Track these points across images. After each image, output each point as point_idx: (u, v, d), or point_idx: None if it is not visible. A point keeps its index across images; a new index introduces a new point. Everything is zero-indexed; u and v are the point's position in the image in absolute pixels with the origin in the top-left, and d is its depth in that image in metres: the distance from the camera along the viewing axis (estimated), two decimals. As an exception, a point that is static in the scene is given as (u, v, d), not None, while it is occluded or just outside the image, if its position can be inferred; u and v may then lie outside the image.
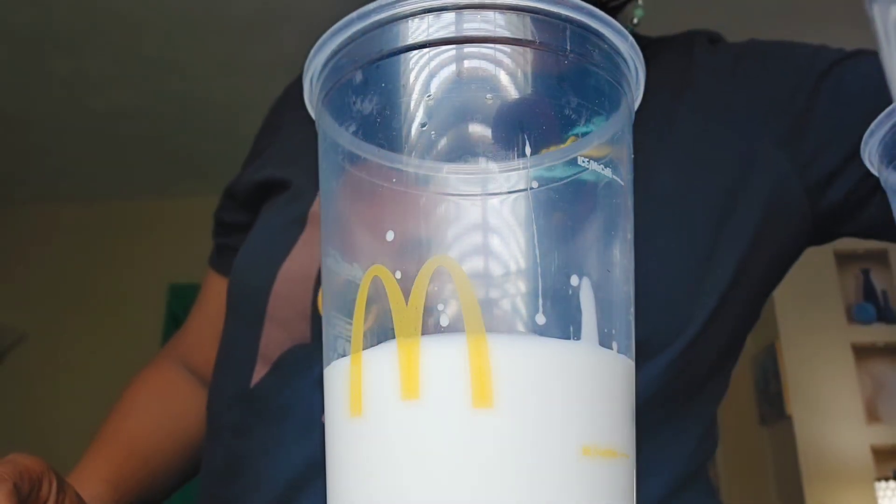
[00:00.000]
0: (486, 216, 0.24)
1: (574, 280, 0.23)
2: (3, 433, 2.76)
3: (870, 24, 0.29)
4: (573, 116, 0.25)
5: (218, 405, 0.52)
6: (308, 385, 0.45)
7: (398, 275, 0.22)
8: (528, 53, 0.24)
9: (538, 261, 0.23)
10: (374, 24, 0.24)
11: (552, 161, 0.24)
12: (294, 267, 0.48)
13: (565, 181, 0.24)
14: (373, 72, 0.25)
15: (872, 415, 2.95)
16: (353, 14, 0.25)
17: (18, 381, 2.86)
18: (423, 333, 0.22)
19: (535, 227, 0.23)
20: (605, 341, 0.24)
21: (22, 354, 2.89)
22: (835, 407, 2.92)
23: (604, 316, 0.24)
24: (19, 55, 2.29)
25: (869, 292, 3.09)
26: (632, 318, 0.26)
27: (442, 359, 0.22)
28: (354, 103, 0.25)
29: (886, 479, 2.79)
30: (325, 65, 0.26)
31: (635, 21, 0.57)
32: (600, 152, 0.25)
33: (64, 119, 2.58)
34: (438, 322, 0.22)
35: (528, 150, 0.24)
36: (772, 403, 3.13)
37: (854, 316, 3.04)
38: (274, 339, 0.48)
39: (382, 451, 0.22)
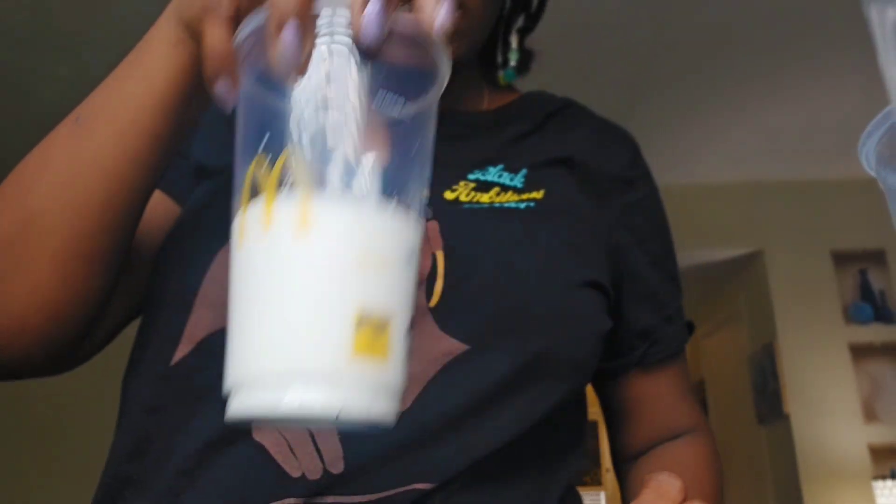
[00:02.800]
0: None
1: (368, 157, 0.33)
2: (4, 430, 2.76)
3: (867, 25, 0.29)
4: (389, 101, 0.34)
5: (134, 385, 0.51)
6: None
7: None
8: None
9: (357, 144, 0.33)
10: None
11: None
12: None
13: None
14: None
15: (870, 414, 2.96)
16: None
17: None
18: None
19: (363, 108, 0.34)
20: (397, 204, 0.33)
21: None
22: (832, 406, 2.93)
23: (396, 189, 0.33)
24: (19, 55, 2.29)
25: (866, 292, 3.10)
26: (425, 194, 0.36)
27: (288, 203, 0.32)
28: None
29: (884, 477, 2.80)
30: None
31: (502, 82, 0.66)
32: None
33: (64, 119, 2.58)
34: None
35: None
36: (769, 402, 3.14)
37: (851, 316, 3.06)
38: (202, 321, 0.48)
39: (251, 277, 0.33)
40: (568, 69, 2.46)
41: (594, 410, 0.63)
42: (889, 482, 2.77)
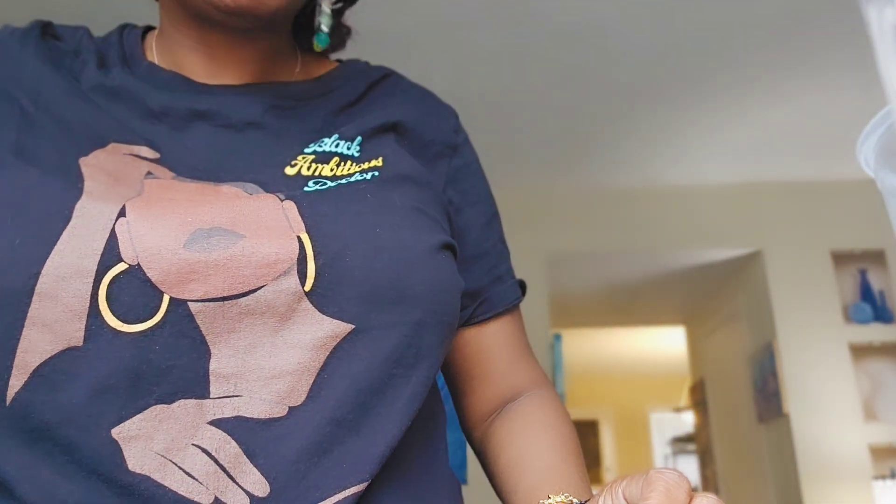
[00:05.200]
0: None
1: None
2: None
3: (865, 25, 0.30)
4: None
5: None
6: (78, 395, 0.41)
7: None
8: None
9: None
10: None
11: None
12: (64, 262, 0.42)
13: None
14: None
15: (870, 414, 2.96)
16: None
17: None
18: None
19: None
20: None
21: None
22: (832, 406, 2.94)
23: None
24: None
25: (866, 292, 3.10)
26: None
27: None
28: None
29: (884, 477, 2.81)
30: None
31: (317, 48, 0.62)
32: None
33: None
34: None
35: None
36: (769, 402, 3.15)
37: (851, 316, 3.06)
38: (36, 345, 0.42)
39: None
40: (568, 71, 2.47)
41: (594, 409, 0.63)
42: (889, 482, 2.77)
